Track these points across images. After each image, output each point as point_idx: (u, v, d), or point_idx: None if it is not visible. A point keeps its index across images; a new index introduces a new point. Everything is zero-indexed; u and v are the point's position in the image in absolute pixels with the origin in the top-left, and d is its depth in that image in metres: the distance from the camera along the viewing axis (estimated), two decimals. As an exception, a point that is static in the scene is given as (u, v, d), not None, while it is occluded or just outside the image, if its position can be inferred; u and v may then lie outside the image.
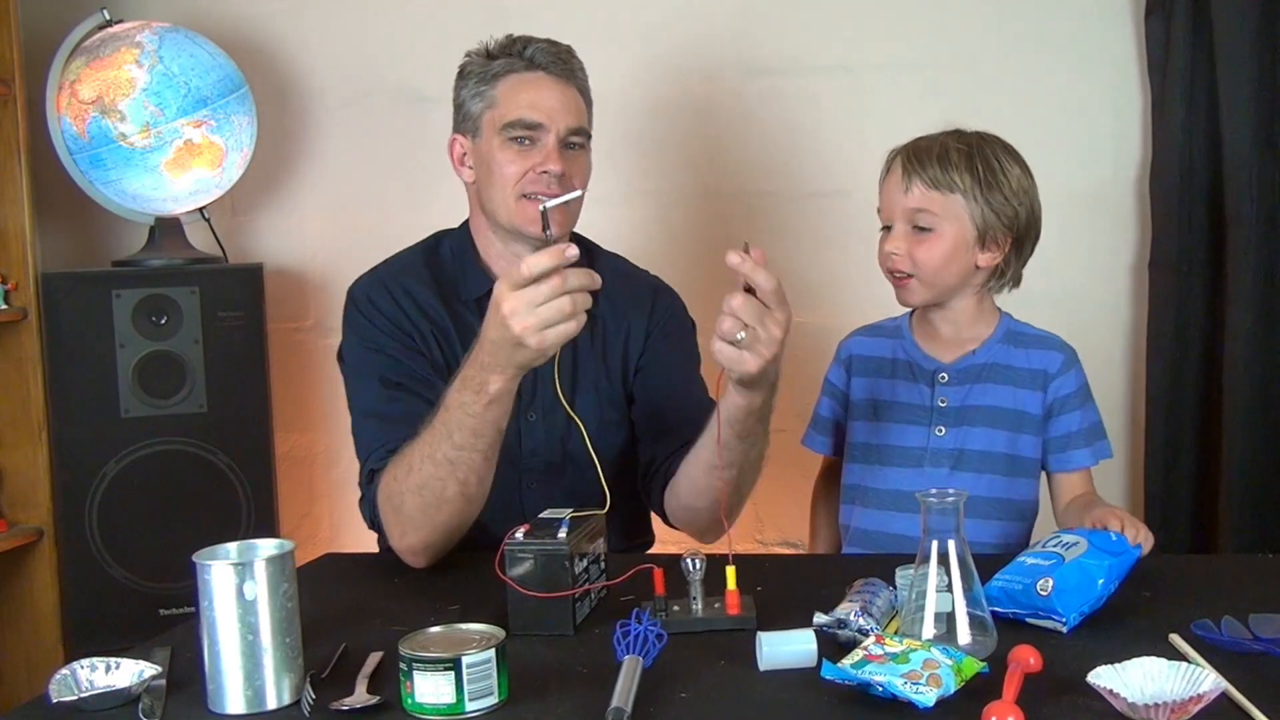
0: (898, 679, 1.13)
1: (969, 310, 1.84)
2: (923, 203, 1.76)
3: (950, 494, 1.28)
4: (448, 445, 1.55)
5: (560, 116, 1.79)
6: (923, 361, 1.85)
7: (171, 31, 2.56)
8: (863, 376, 1.89)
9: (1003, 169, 1.77)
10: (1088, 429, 1.82)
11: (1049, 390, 1.80)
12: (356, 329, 1.84)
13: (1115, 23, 2.56)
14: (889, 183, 1.81)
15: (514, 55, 1.82)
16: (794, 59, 2.67)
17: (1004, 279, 1.83)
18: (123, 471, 2.47)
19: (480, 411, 1.52)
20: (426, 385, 1.76)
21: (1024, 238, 1.80)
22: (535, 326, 1.41)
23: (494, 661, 1.17)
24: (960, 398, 1.81)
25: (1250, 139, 2.38)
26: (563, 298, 1.41)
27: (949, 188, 1.75)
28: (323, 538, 2.90)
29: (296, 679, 1.23)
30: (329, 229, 2.87)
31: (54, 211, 2.79)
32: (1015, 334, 1.85)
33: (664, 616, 1.40)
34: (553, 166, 1.77)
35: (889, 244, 1.80)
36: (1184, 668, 1.13)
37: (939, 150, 1.77)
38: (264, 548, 1.26)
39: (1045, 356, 1.82)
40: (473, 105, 1.84)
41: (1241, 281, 2.39)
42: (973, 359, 1.82)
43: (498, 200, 1.81)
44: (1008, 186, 1.77)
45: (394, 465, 1.63)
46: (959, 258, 1.77)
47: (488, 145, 1.81)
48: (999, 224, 1.77)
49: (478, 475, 1.57)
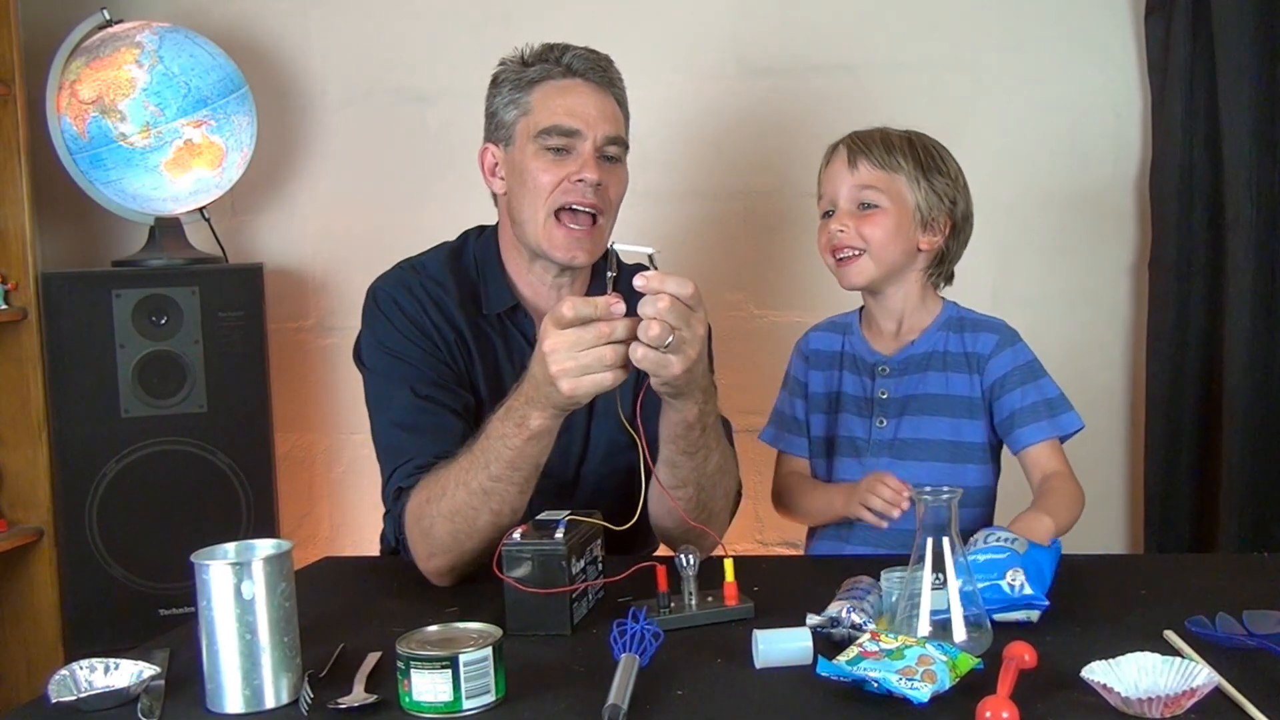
0: (893, 675, 1.13)
1: (912, 299, 1.87)
2: (869, 180, 1.82)
3: (944, 491, 1.28)
4: (484, 475, 1.51)
5: (598, 124, 1.75)
6: (865, 355, 1.89)
7: (171, 31, 2.57)
8: (818, 370, 1.93)
9: (941, 157, 1.85)
10: (1036, 404, 1.80)
11: (985, 372, 1.82)
12: (378, 330, 1.79)
13: (1115, 23, 2.56)
14: (833, 168, 1.86)
15: (551, 62, 1.77)
16: (794, 59, 2.67)
17: (941, 267, 1.88)
18: (123, 471, 2.47)
19: (520, 445, 1.48)
20: (454, 396, 1.73)
21: (960, 227, 1.86)
22: (573, 371, 1.38)
23: (491, 660, 1.17)
24: (899, 388, 1.85)
25: (1250, 139, 2.38)
26: (604, 347, 1.38)
27: (893, 168, 1.82)
28: (323, 538, 2.90)
29: (295, 678, 1.23)
30: (329, 229, 2.87)
31: (54, 211, 2.80)
32: (955, 320, 1.87)
33: (666, 612, 1.41)
34: (589, 175, 1.72)
35: (835, 222, 1.83)
36: (1178, 663, 1.13)
37: (881, 136, 1.85)
38: (262, 548, 1.26)
39: (979, 339, 1.84)
40: (506, 113, 1.78)
41: (1241, 281, 2.39)
42: (911, 350, 1.86)
43: (528, 213, 1.76)
44: (947, 172, 1.84)
45: (425, 486, 1.60)
46: (903, 235, 1.82)
47: (521, 154, 1.76)
48: (940, 205, 1.83)
49: (511, 507, 1.53)
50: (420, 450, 1.66)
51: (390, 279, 1.83)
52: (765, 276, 2.72)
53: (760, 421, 2.00)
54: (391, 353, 1.76)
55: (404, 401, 1.72)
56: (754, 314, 2.73)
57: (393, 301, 1.79)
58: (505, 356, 1.81)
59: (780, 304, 2.71)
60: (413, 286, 1.80)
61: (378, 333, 1.79)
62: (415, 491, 1.62)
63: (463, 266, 1.85)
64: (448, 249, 1.88)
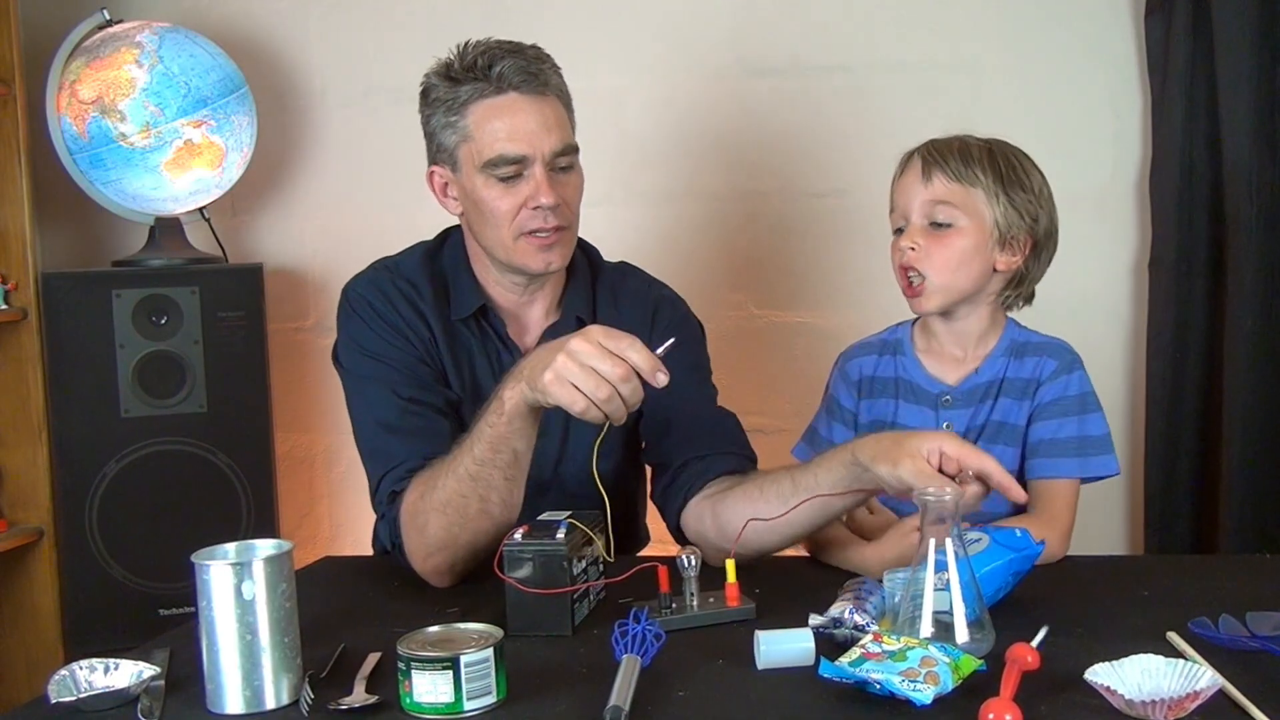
0: (895, 677, 1.13)
1: (982, 323, 1.75)
2: (944, 195, 1.69)
3: (947, 492, 1.28)
4: (469, 459, 1.53)
5: (543, 140, 1.68)
6: (925, 384, 1.76)
7: (171, 31, 2.57)
8: (871, 398, 1.81)
9: (1024, 168, 1.72)
10: (1069, 440, 1.69)
11: (1035, 398, 1.71)
12: (352, 331, 1.78)
13: (1115, 23, 2.56)
14: (905, 180, 1.73)
15: (480, 78, 1.68)
16: (794, 59, 2.67)
17: (1020, 289, 1.75)
18: (123, 471, 2.47)
19: (498, 424, 1.50)
20: (437, 394, 1.73)
21: (1043, 245, 1.73)
22: (568, 374, 1.40)
23: (492, 661, 1.17)
24: (965, 420, 1.73)
25: (1250, 139, 2.38)
26: (606, 383, 1.39)
27: (970, 181, 1.69)
28: (323, 538, 2.90)
29: (295, 679, 1.23)
30: (329, 229, 2.87)
31: (54, 211, 2.80)
32: (1019, 345, 1.75)
33: (668, 613, 1.40)
34: (545, 199, 1.67)
35: (905, 239, 1.71)
36: (1181, 665, 1.13)
37: (959, 146, 1.72)
38: (262, 548, 1.26)
39: (1039, 364, 1.73)
40: (445, 137, 1.73)
41: (1241, 281, 2.38)
42: (976, 378, 1.74)
43: (492, 238, 1.73)
44: (1030, 186, 1.71)
45: (417, 484, 1.60)
46: (978, 257, 1.69)
47: (471, 182, 1.71)
48: (1020, 223, 1.70)
49: (499, 495, 1.54)
50: (410, 453, 1.66)
51: (363, 279, 1.82)
52: (765, 276, 2.72)
53: (759, 421, 2.00)
54: (368, 353, 1.76)
55: (387, 404, 1.72)
56: (754, 314, 2.72)
57: (365, 302, 1.78)
58: (481, 355, 1.80)
59: (780, 304, 2.70)
60: (385, 286, 1.79)
61: (353, 334, 1.78)
62: (409, 490, 1.62)
63: (439, 266, 1.83)
64: (424, 248, 1.86)
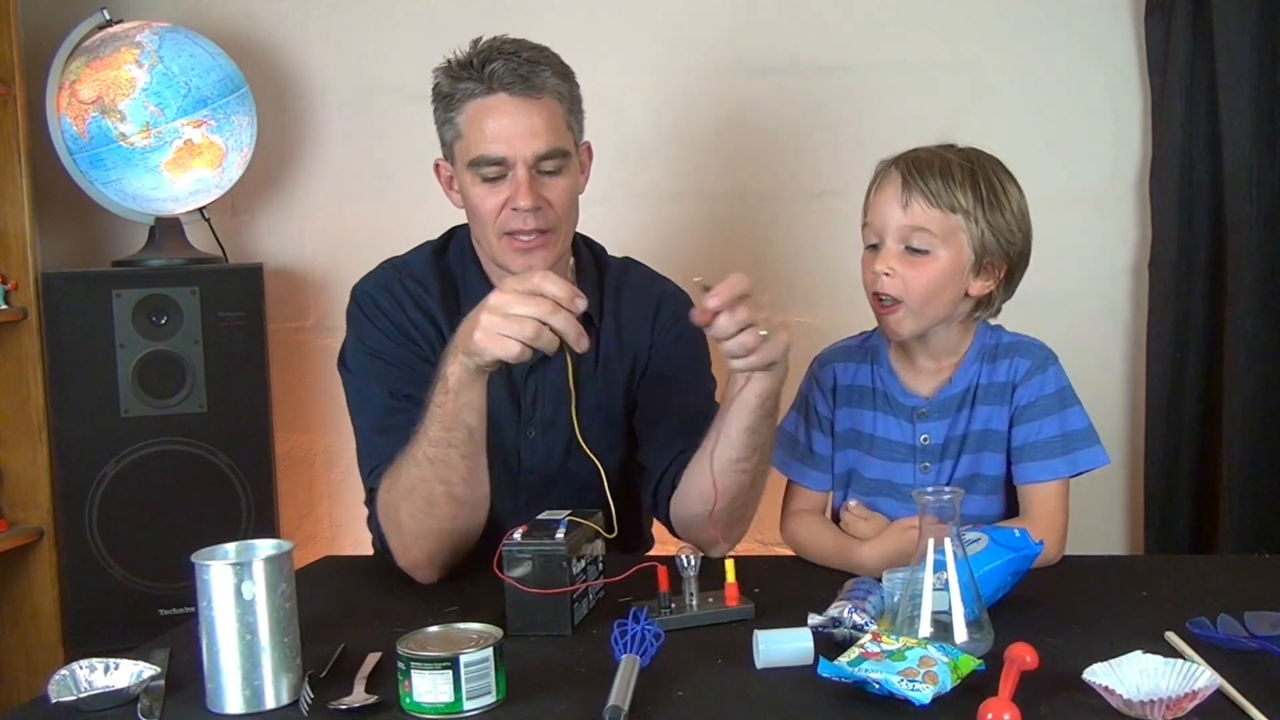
0: (894, 676, 1.13)
1: (950, 340, 1.71)
2: (922, 221, 1.61)
3: (946, 492, 1.28)
4: (425, 443, 1.54)
5: (524, 144, 1.67)
6: (900, 396, 1.73)
7: (171, 31, 2.56)
8: (846, 406, 1.78)
9: (1004, 189, 1.66)
10: (1052, 440, 1.65)
11: (1013, 401, 1.68)
12: (360, 332, 1.78)
13: (1115, 23, 2.56)
14: (882, 196, 1.65)
15: (474, 77, 1.69)
16: (794, 59, 2.67)
17: (989, 309, 1.71)
18: (123, 471, 2.47)
19: (445, 402, 1.51)
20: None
21: (1016, 268, 1.69)
22: (492, 326, 1.41)
23: (491, 660, 1.17)
24: (944, 431, 1.70)
25: (1250, 139, 2.38)
26: (531, 320, 1.40)
27: (950, 207, 1.62)
28: (323, 538, 2.90)
29: (295, 679, 1.23)
30: (329, 229, 2.87)
31: (54, 211, 2.80)
32: (990, 348, 1.71)
33: (668, 613, 1.41)
34: (523, 202, 1.67)
35: (880, 263, 1.64)
36: (1179, 664, 1.13)
37: (940, 164, 1.63)
38: (262, 548, 1.26)
39: (1012, 366, 1.69)
40: (444, 133, 1.76)
41: (1241, 281, 2.39)
42: (950, 389, 1.70)
43: (479, 234, 1.77)
44: (1009, 209, 1.65)
45: (385, 478, 1.62)
46: (952, 285, 1.64)
47: (461, 178, 1.75)
48: (997, 248, 1.64)
49: (460, 476, 1.54)
50: (397, 450, 1.65)
51: (371, 280, 1.83)
52: (764, 276, 2.71)
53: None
54: (372, 353, 1.77)
55: (381, 402, 1.73)
56: (754, 314, 2.72)
57: (373, 303, 1.79)
58: None
59: (779, 304, 2.70)
60: (393, 286, 1.80)
61: (360, 334, 1.79)
62: (380, 485, 1.63)
63: (446, 264, 1.84)
64: (431, 247, 1.87)
